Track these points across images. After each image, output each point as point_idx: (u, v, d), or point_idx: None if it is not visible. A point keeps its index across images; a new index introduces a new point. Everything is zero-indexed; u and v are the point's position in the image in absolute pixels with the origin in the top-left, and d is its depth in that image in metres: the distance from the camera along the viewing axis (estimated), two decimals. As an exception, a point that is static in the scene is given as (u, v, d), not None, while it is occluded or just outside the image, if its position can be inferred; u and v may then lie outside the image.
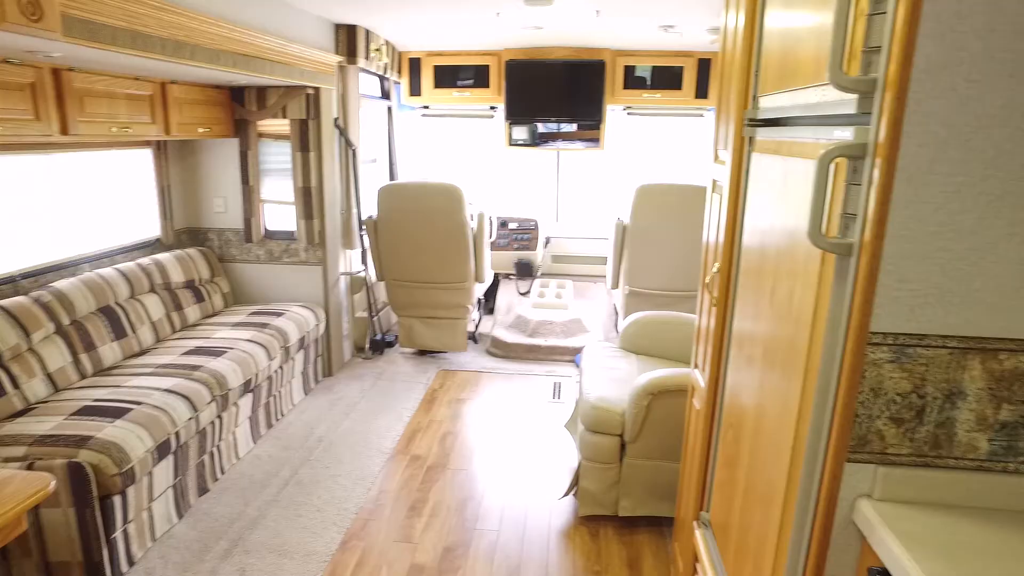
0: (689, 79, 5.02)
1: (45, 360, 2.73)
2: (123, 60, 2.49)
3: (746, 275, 1.61)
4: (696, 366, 2.10)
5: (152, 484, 2.50)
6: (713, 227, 1.94)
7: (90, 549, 2.25)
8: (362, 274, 4.59)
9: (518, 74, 5.07)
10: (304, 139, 3.93)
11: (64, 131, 2.68)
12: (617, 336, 3.88)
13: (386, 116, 5.35)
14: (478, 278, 4.49)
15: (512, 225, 5.42)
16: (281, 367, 3.54)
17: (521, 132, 5.30)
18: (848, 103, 0.98)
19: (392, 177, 5.50)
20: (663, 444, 2.58)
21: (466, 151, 5.94)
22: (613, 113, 5.36)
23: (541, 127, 5.37)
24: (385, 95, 5.23)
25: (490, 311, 5.47)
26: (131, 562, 2.41)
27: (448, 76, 5.24)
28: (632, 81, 5.12)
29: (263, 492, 2.91)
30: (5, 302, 2.66)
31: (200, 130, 3.59)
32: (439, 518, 2.76)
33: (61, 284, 2.95)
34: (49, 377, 2.73)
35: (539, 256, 5.41)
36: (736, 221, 1.70)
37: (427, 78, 5.24)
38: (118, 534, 2.33)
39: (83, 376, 2.90)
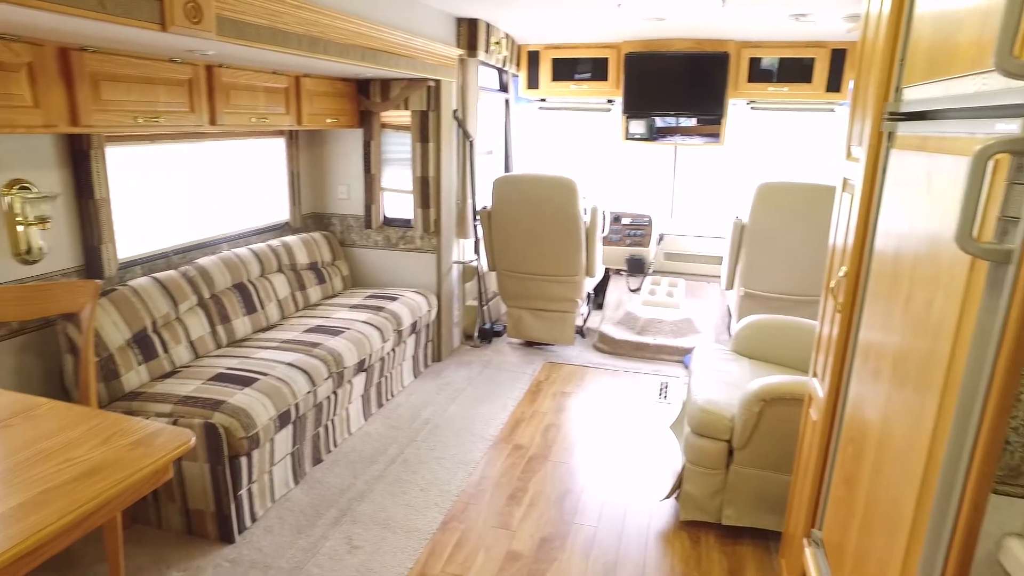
0: (820, 71, 4.71)
1: (189, 328, 3.00)
2: (264, 56, 2.68)
3: (877, 281, 1.49)
4: (815, 375, 1.98)
5: (273, 450, 2.68)
6: (842, 228, 1.81)
7: (221, 502, 2.46)
8: (474, 263, 4.69)
9: (637, 67, 4.97)
10: (424, 130, 4.06)
11: (213, 121, 2.93)
12: (729, 339, 3.74)
13: (503, 109, 5.41)
14: (589, 272, 4.46)
15: (625, 220, 5.34)
16: (393, 349, 3.69)
17: (638, 126, 5.20)
18: (1016, 92, 0.87)
19: (507, 169, 5.57)
20: (773, 454, 2.45)
21: (582, 145, 5.91)
22: (735, 108, 5.13)
23: (659, 121, 5.24)
24: (503, 88, 5.30)
25: (599, 306, 5.43)
26: (253, 518, 2.61)
27: (566, 69, 5.22)
28: (757, 74, 4.87)
29: (371, 467, 3.05)
30: (159, 275, 2.95)
31: (328, 121, 3.80)
32: (538, 508, 2.78)
33: (204, 261, 3.23)
34: (191, 344, 3.00)
35: (651, 253, 5.29)
36: (868, 222, 1.58)
37: (545, 71, 5.26)
38: (244, 492, 2.53)
39: (218, 346, 3.16)
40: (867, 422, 1.43)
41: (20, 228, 2.49)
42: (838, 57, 4.66)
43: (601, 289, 5.43)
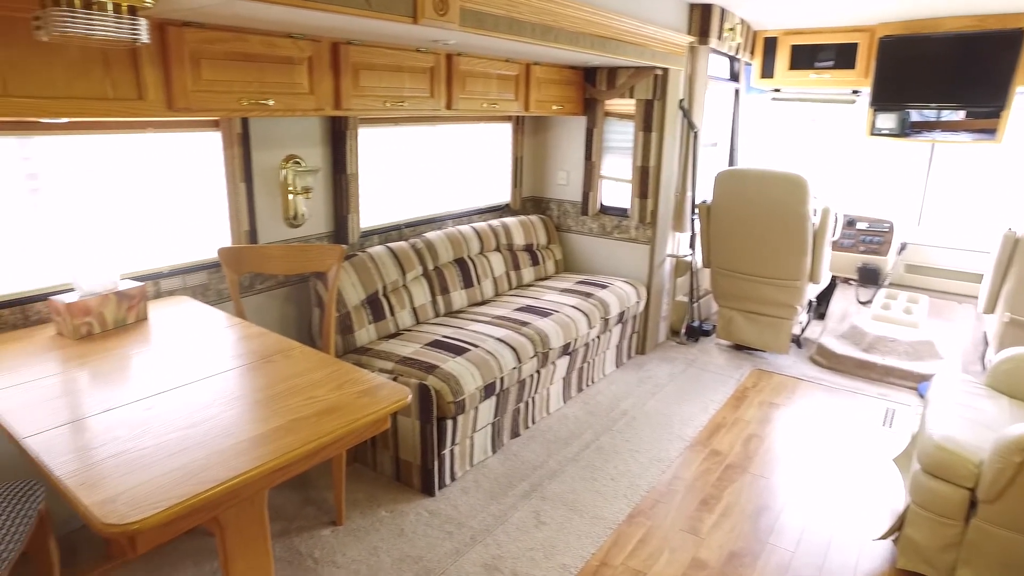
0: None
1: (413, 296, 3.31)
2: (499, 44, 2.82)
3: None
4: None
5: (476, 417, 2.86)
6: None
7: (426, 457, 2.68)
8: (688, 258, 4.54)
9: (894, 52, 4.39)
10: (648, 119, 4.00)
11: (449, 106, 3.16)
12: (982, 371, 3.20)
13: (732, 99, 5.14)
14: (813, 278, 4.09)
15: (861, 225, 4.79)
16: (599, 336, 3.72)
17: (887, 120, 4.61)
18: None
19: (732, 162, 5.29)
20: (1033, 513, 2.05)
21: (817, 140, 5.41)
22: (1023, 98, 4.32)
23: (914, 115, 4.59)
24: (734, 77, 5.02)
25: (821, 316, 4.96)
26: (452, 477, 2.82)
27: (806, 56, 4.79)
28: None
29: (565, 449, 3.12)
30: (392, 245, 3.29)
31: (554, 107, 3.90)
32: (730, 519, 2.64)
33: (430, 235, 3.52)
34: (414, 310, 3.30)
35: (889, 263, 4.69)
36: None
37: (782, 59, 4.87)
38: (447, 451, 2.73)
39: (437, 314, 3.43)
40: None
41: (290, 196, 2.93)
42: None
43: (825, 298, 4.95)
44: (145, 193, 2.53)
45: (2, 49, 1.76)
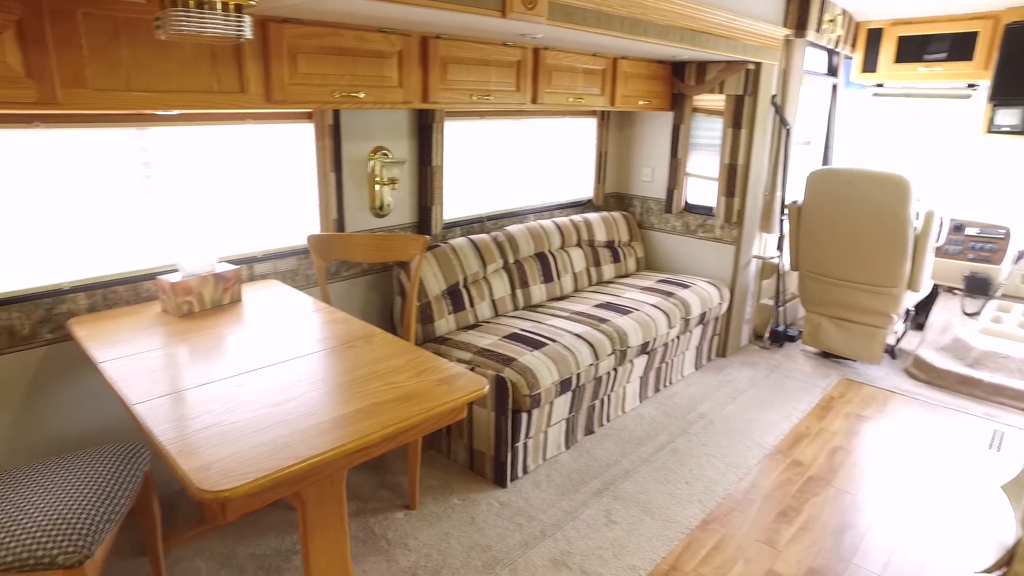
0: None
1: (493, 288, 3.34)
2: (587, 38, 2.79)
3: None
4: None
5: (551, 412, 2.86)
6: None
7: (500, 449, 2.71)
8: (775, 260, 4.37)
9: (1022, 41, 4.04)
10: (738, 116, 3.87)
11: (534, 100, 3.17)
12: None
13: (829, 94, 4.89)
14: (912, 286, 3.85)
15: (971, 231, 4.47)
16: (678, 337, 3.64)
17: (1009, 116, 4.26)
18: None
19: (826, 161, 5.04)
20: None
21: (922, 138, 5.07)
22: None
23: (1040, 110, 4.22)
24: (832, 71, 4.78)
25: (919, 326, 4.67)
26: (525, 470, 2.83)
27: (914, 48, 4.49)
28: None
29: (639, 449, 3.07)
30: (474, 237, 3.33)
31: (640, 103, 3.84)
32: (810, 534, 2.52)
33: (512, 228, 3.54)
34: (493, 303, 3.34)
35: (1003, 272, 4.35)
36: None
37: (887, 51, 4.59)
38: (520, 444, 2.75)
39: (516, 307, 3.45)
40: None
41: (377, 187, 3.02)
42: None
43: (925, 307, 4.64)
44: (243, 182, 2.67)
45: (128, 48, 1.90)
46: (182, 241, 2.53)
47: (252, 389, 1.69)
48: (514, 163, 3.80)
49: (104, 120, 2.24)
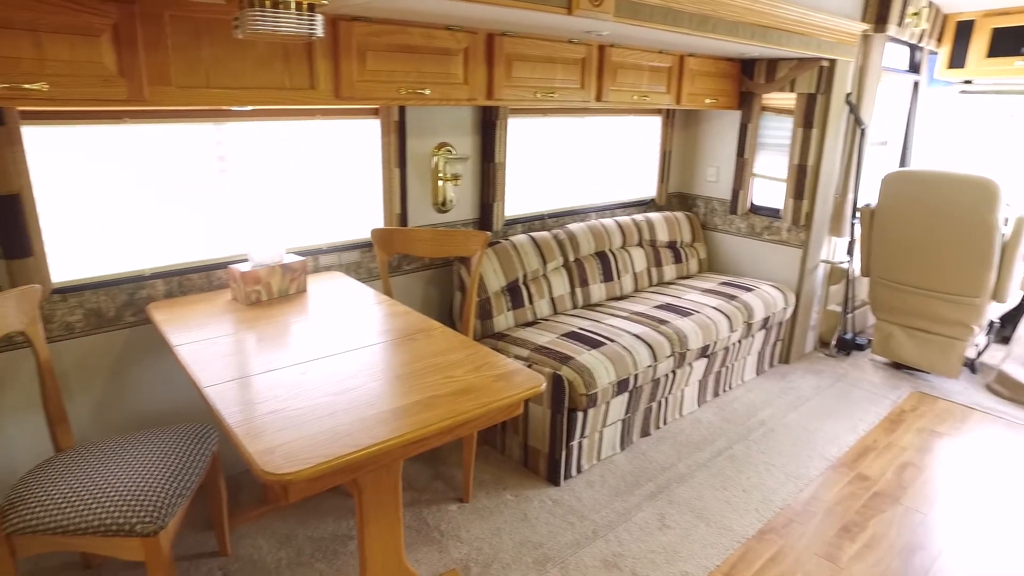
0: None
1: (552, 286, 3.34)
2: (654, 35, 2.75)
3: None
4: None
5: (607, 412, 2.84)
6: None
7: (554, 447, 2.71)
8: (844, 265, 4.21)
9: None
10: (809, 115, 3.74)
11: (598, 98, 3.14)
12: None
13: (910, 93, 4.66)
14: (998, 296, 3.63)
15: (1064, 237, 4.18)
16: (740, 341, 3.55)
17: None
18: None
19: (904, 163, 4.82)
20: None
21: (1016, 137, 4.77)
22: None
23: None
24: (914, 68, 4.56)
25: (1004, 339, 4.40)
26: (579, 470, 2.82)
27: (1011, 41, 4.21)
28: None
29: (696, 453, 3.02)
30: (535, 235, 3.33)
31: (707, 101, 3.75)
32: (876, 553, 2.42)
33: (573, 227, 3.53)
34: (552, 300, 3.33)
35: (1099, 283, 4.06)
36: None
37: (978, 45, 4.34)
38: (575, 443, 2.74)
39: (575, 306, 3.44)
40: None
41: (440, 183, 3.06)
42: None
43: (1012, 319, 4.38)
44: (310, 176, 2.75)
45: (208, 48, 1.99)
46: (252, 232, 2.63)
47: (315, 377, 1.74)
48: (576, 161, 3.79)
49: (184, 116, 2.35)
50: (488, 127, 3.15)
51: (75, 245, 2.24)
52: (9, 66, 1.68)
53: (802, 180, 3.83)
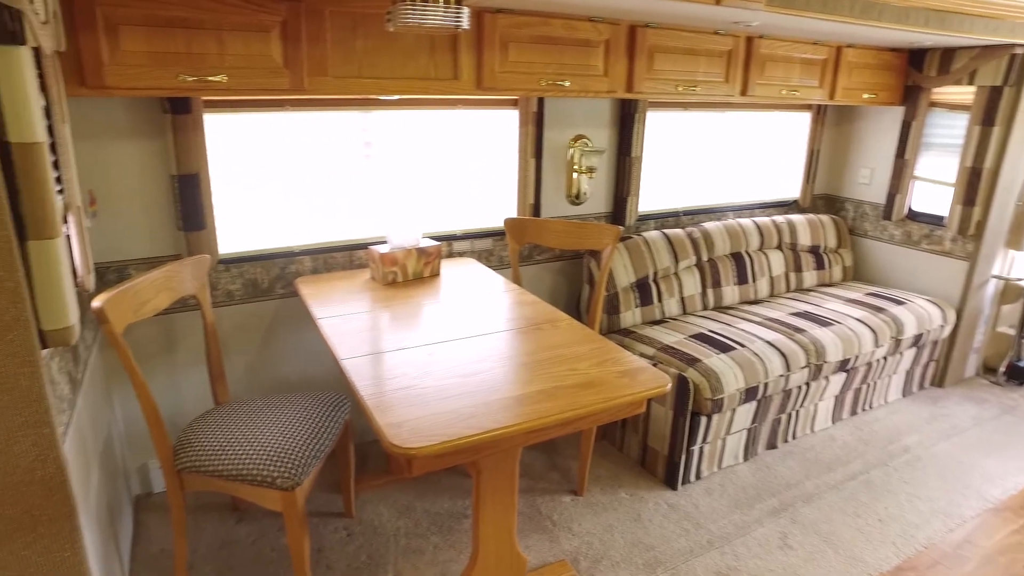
0: None
1: (683, 285, 3.24)
2: (809, 25, 2.57)
3: None
4: None
5: (732, 420, 2.72)
6: None
7: (674, 450, 2.63)
8: (1022, 283, 3.74)
9: None
10: (991, 111, 3.34)
11: (743, 92, 3.00)
12: None
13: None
14: None
15: None
16: (885, 358, 3.27)
17: None
18: None
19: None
20: None
21: None
22: None
23: None
24: None
25: None
26: (698, 476, 2.73)
27: None
28: None
29: (827, 474, 2.82)
30: (668, 231, 3.25)
31: (864, 96, 3.47)
32: (1040, 606, 2.15)
33: (708, 225, 3.40)
34: (682, 300, 3.24)
35: None
36: None
37: None
38: (696, 448, 2.65)
39: (705, 307, 3.32)
40: None
41: (575, 175, 3.06)
42: None
43: None
44: (449, 164, 2.85)
45: (362, 40, 2.12)
46: (392, 216, 2.76)
47: (442, 359, 1.81)
48: (715, 157, 3.64)
49: (335, 104, 2.51)
50: (626, 120, 3.10)
51: (237, 221, 2.47)
52: (197, 61, 1.90)
53: (975, 185, 3.44)
